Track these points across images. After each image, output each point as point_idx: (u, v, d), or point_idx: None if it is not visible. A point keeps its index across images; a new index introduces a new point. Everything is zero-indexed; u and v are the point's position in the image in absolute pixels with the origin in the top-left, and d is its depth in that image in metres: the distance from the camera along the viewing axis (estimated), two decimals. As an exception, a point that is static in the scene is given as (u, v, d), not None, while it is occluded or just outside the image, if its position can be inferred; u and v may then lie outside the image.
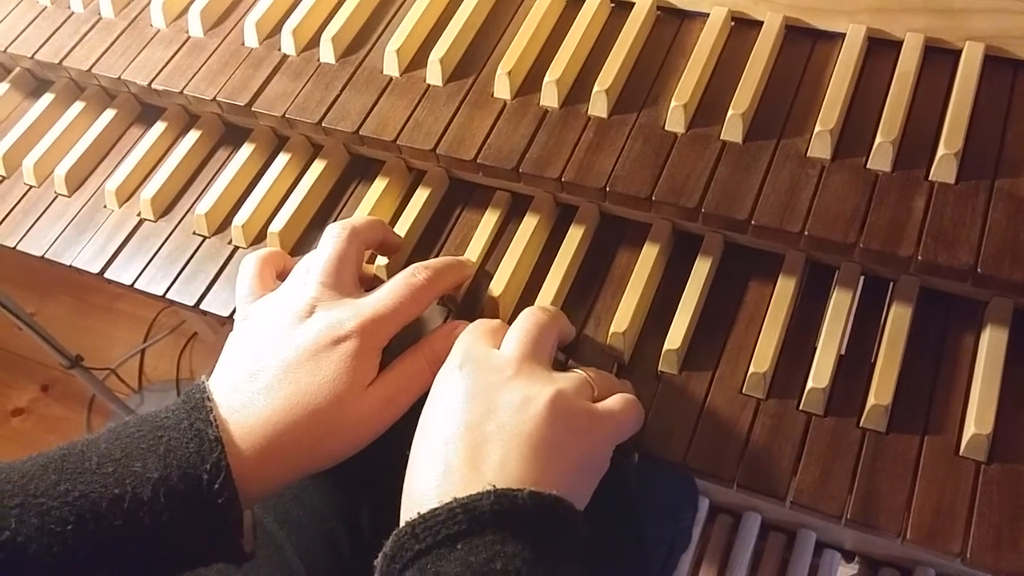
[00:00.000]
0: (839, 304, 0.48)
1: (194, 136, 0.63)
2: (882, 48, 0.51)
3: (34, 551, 0.38)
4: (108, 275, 0.59)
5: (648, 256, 0.52)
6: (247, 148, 0.61)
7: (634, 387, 0.48)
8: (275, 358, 0.45)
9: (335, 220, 0.55)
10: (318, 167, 0.59)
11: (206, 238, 0.59)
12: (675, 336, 0.49)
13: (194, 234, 0.59)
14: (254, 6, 0.62)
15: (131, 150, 0.64)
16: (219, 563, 0.43)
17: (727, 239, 0.52)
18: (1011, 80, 0.49)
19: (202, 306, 0.56)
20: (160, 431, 0.42)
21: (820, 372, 0.46)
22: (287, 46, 0.59)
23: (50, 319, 1.61)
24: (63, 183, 0.63)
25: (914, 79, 0.49)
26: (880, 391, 0.45)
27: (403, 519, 0.40)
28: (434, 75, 0.55)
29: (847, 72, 0.50)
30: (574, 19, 0.56)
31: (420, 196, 0.57)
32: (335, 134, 0.56)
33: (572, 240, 0.53)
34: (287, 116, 0.56)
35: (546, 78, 0.53)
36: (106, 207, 0.62)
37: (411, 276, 0.48)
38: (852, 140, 0.48)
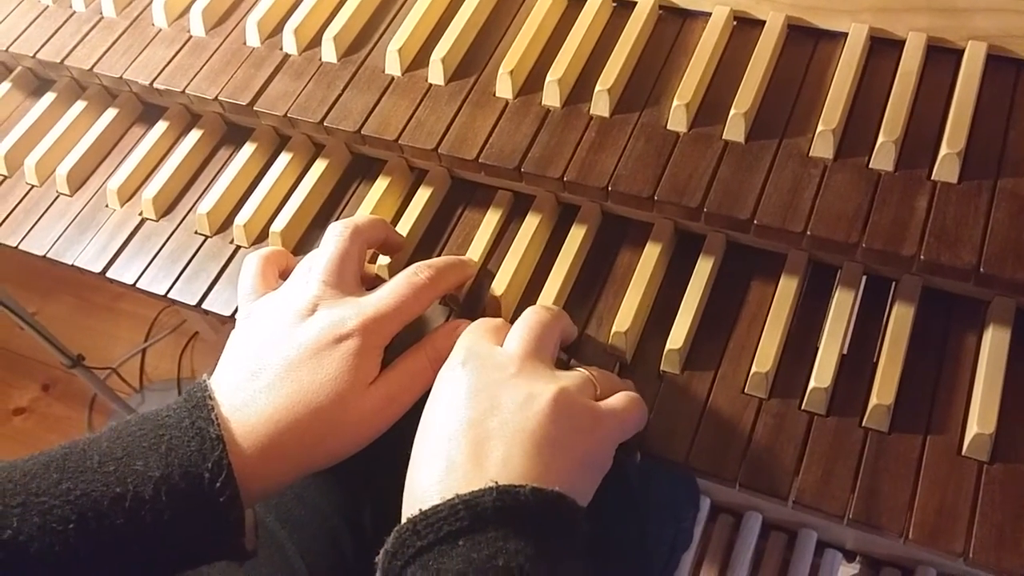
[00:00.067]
0: (841, 304, 0.48)
1: (196, 135, 0.63)
2: (884, 47, 0.51)
3: (36, 550, 0.38)
4: (110, 275, 0.59)
5: (650, 256, 0.52)
6: (249, 147, 0.61)
7: (636, 387, 0.48)
8: (277, 356, 0.45)
9: (337, 219, 0.55)
10: (320, 166, 0.59)
11: (208, 237, 0.59)
12: (677, 336, 0.49)
13: (196, 233, 0.59)
14: (256, 5, 0.62)
15: (133, 149, 0.64)
16: (221, 561, 0.43)
17: (729, 239, 0.52)
18: (1014, 79, 0.49)
19: (204, 306, 0.56)
20: (161, 430, 0.42)
21: (822, 372, 0.46)
22: (289, 45, 0.59)
23: (51, 318, 1.61)
24: (65, 182, 0.63)
25: (916, 78, 0.49)
26: (882, 391, 0.45)
27: (404, 515, 0.40)
28: (436, 74, 0.55)
29: (849, 71, 0.50)
30: (576, 18, 0.56)
31: (422, 196, 0.57)
32: (337, 133, 0.56)
33: (574, 240, 0.53)
34: (289, 115, 0.56)
35: (548, 77, 0.53)
36: (108, 206, 0.62)
37: (413, 275, 0.48)
38: (854, 139, 0.48)
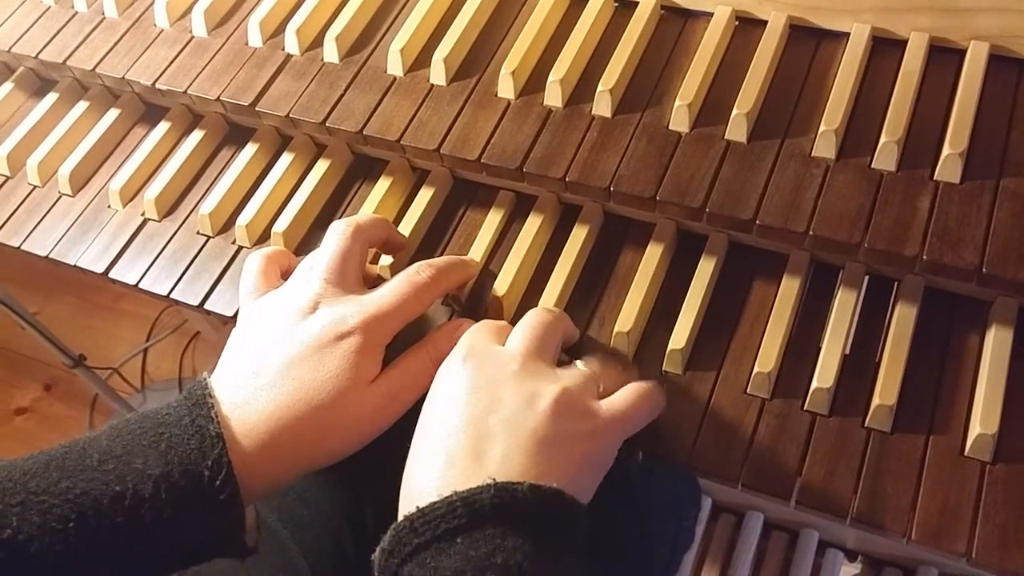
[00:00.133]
0: (844, 304, 0.48)
1: (198, 136, 0.63)
2: (887, 47, 0.51)
3: (36, 549, 0.38)
4: (112, 275, 0.59)
5: (652, 256, 0.52)
6: (251, 148, 0.61)
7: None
8: (278, 354, 0.44)
9: (339, 220, 0.55)
10: (322, 167, 0.59)
11: (210, 238, 0.59)
12: (679, 336, 0.49)
13: (198, 234, 0.59)
14: (258, 6, 0.62)
15: (135, 150, 0.64)
16: (222, 558, 0.43)
17: (731, 239, 0.52)
18: (1016, 79, 0.49)
19: (206, 306, 0.56)
20: (161, 428, 0.42)
21: (825, 372, 0.46)
22: (291, 46, 0.59)
23: (53, 318, 1.61)
24: (67, 183, 0.63)
25: (919, 79, 0.49)
26: (885, 391, 0.45)
27: (402, 513, 0.40)
28: (438, 75, 0.55)
29: (851, 72, 0.50)
30: (578, 19, 0.56)
31: (424, 196, 0.57)
32: (339, 134, 0.56)
33: (576, 240, 0.53)
34: (291, 116, 0.56)
35: (550, 78, 0.53)
36: (110, 207, 0.62)
37: (415, 274, 0.48)
38: (857, 140, 0.48)
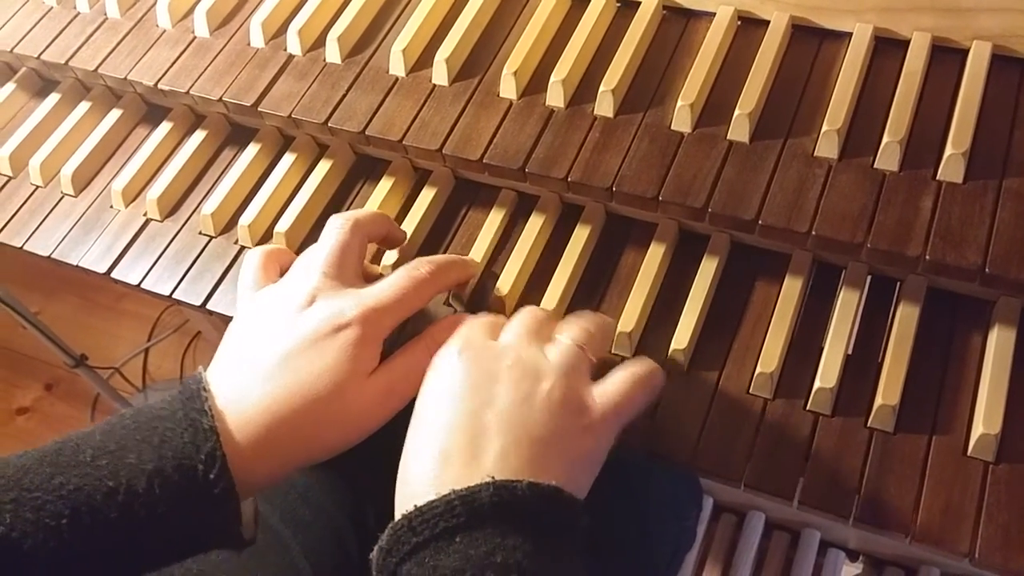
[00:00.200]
0: (846, 304, 0.48)
1: (200, 136, 0.63)
2: (889, 47, 0.51)
3: (29, 546, 0.38)
4: (115, 275, 0.59)
5: (654, 256, 0.52)
6: (253, 148, 0.61)
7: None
8: (275, 347, 0.44)
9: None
10: (324, 167, 0.59)
11: (212, 238, 0.59)
12: (682, 336, 0.49)
13: (200, 234, 0.59)
14: (260, 6, 0.62)
15: (137, 150, 0.64)
16: (218, 549, 0.43)
17: (734, 239, 0.52)
18: (1018, 79, 0.49)
19: (209, 306, 0.56)
20: (155, 422, 0.41)
21: (827, 372, 0.46)
22: (293, 46, 0.59)
23: (54, 318, 1.61)
24: (69, 183, 0.63)
25: (921, 78, 0.49)
26: (888, 391, 0.45)
27: (399, 510, 0.40)
28: (440, 75, 0.55)
29: (854, 71, 0.50)
30: (580, 19, 0.56)
31: (426, 196, 0.57)
32: (341, 134, 0.56)
33: (578, 240, 0.53)
34: (293, 116, 0.56)
35: (552, 78, 0.53)
36: (112, 207, 0.62)
37: (414, 269, 0.48)
38: (859, 140, 0.48)
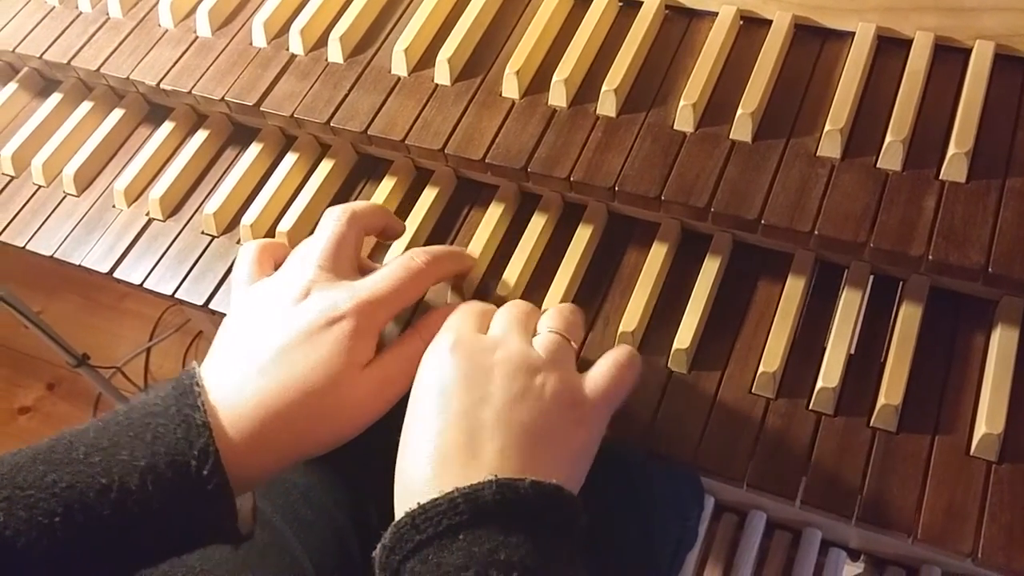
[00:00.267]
0: (849, 303, 0.48)
1: (202, 136, 0.63)
2: (892, 47, 0.51)
3: (23, 544, 0.37)
4: (117, 275, 0.59)
5: (657, 255, 0.52)
6: (255, 148, 0.61)
7: (642, 386, 0.48)
8: (269, 340, 0.44)
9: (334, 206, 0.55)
10: (326, 166, 0.59)
11: (215, 237, 0.59)
12: (684, 336, 0.49)
13: (203, 234, 0.59)
14: (262, 6, 0.62)
15: (139, 150, 0.64)
16: (216, 544, 0.43)
17: (736, 238, 0.52)
18: (1021, 79, 0.49)
19: (211, 305, 0.56)
20: (148, 418, 0.41)
21: (830, 371, 0.46)
22: (295, 46, 0.59)
23: (56, 317, 1.61)
24: (72, 183, 0.63)
25: (924, 78, 0.49)
26: (890, 391, 0.45)
27: (400, 508, 0.40)
28: (442, 75, 0.55)
29: (857, 71, 0.50)
30: (582, 18, 0.56)
31: (428, 195, 0.57)
32: (343, 134, 0.56)
33: (580, 239, 0.53)
34: (295, 116, 0.56)
35: (554, 77, 0.53)
36: (115, 207, 0.62)
37: (409, 260, 0.47)
38: (862, 139, 0.48)
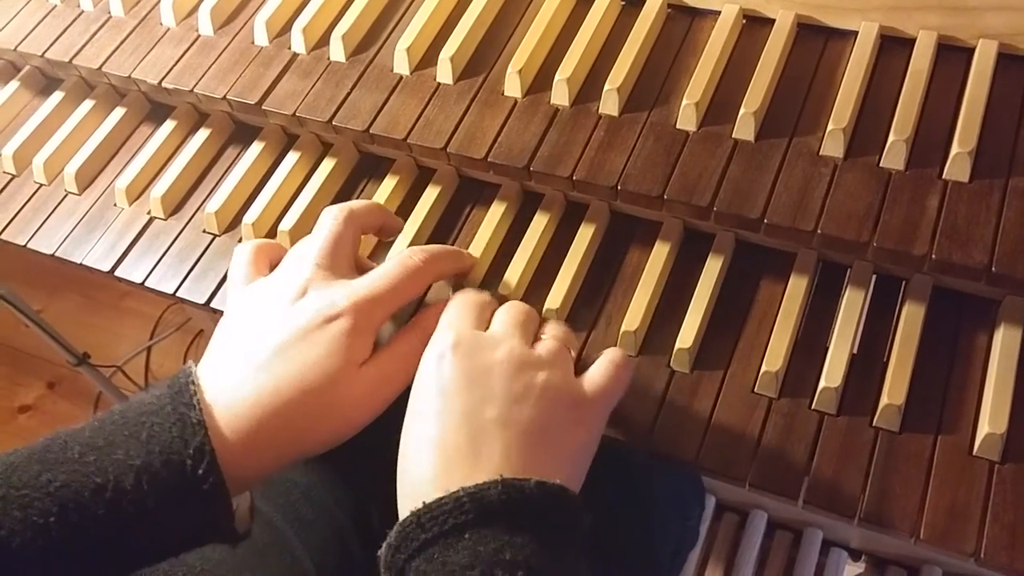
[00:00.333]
0: (851, 303, 0.48)
1: (204, 134, 0.63)
2: (895, 46, 0.51)
3: (18, 544, 0.37)
4: (119, 273, 0.59)
5: (659, 255, 0.52)
6: (257, 146, 0.61)
7: (644, 386, 0.48)
8: (266, 339, 0.44)
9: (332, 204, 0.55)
10: (328, 165, 0.59)
11: (216, 236, 0.59)
12: (687, 335, 0.48)
13: (204, 232, 0.59)
14: (264, 5, 0.62)
15: (141, 148, 0.64)
16: (212, 543, 0.42)
17: (739, 237, 0.52)
18: (1025, 78, 0.49)
19: (212, 304, 0.56)
20: (144, 417, 0.41)
21: (832, 371, 0.46)
22: (297, 44, 0.59)
23: (57, 316, 1.61)
24: (73, 181, 0.63)
25: (927, 77, 0.49)
26: (893, 390, 0.45)
27: (404, 508, 0.40)
28: (444, 73, 0.55)
29: (860, 70, 0.50)
30: (584, 17, 0.56)
31: (430, 194, 0.56)
32: (345, 132, 0.56)
33: (583, 239, 0.53)
34: (297, 115, 0.56)
35: (557, 76, 0.53)
36: (116, 205, 0.62)
37: (407, 258, 0.47)
38: (865, 138, 0.48)
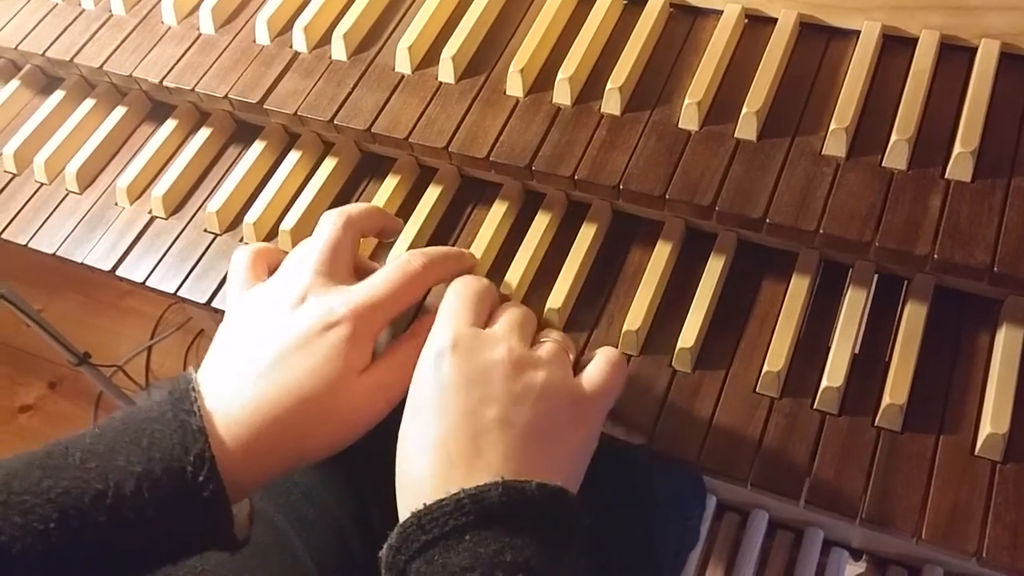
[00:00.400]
0: (853, 302, 0.48)
1: (205, 134, 0.62)
2: (897, 45, 0.51)
3: (18, 550, 0.37)
4: (120, 273, 0.59)
5: (661, 254, 0.52)
6: (258, 146, 0.61)
7: (646, 386, 0.48)
8: (265, 346, 0.44)
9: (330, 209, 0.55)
10: (329, 165, 0.59)
11: (217, 236, 0.59)
12: (688, 335, 0.48)
13: (205, 232, 0.59)
14: (265, 3, 0.62)
15: (142, 147, 0.64)
16: (210, 551, 0.42)
17: (741, 237, 0.52)
18: (1027, 78, 0.49)
19: (213, 304, 0.56)
20: (144, 424, 0.41)
21: (834, 371, 0.46)
22: (299, 43, 0.59)
23: (58, 316, 1.61)
24: (74, 180, 0.63)
25: (929, 77, 0.49)
26: (895, 390, 0.45)
27: (404, 509, 0.40)
28: (446, 72, 0.55)
29: (862, 69, 0.50)
30: (587, 16, 0.56)
31: (431, 194, 0.56)
32: (347, 132, 0.56)
33: (584, 238, 0.53)
34: (299, 114, 0.56)
35: (559, 75, 0.53)
36: (117, 204, 0.62)
37: (406, 263, 0.47)
38: (867, 138, 0.48)
